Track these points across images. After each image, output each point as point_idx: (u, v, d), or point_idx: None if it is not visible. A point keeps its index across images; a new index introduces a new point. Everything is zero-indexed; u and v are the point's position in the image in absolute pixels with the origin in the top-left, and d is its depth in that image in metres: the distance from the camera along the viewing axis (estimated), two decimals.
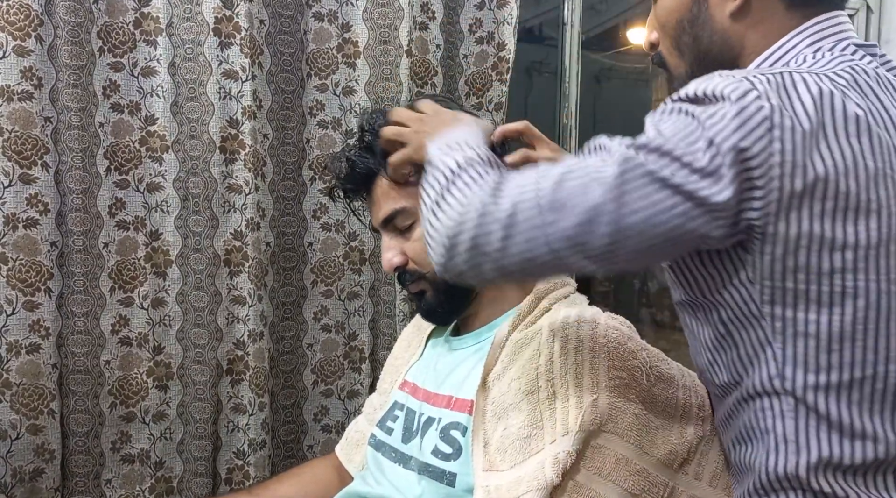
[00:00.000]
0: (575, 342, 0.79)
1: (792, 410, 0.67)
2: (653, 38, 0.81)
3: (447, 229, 0.66)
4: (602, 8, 2.36)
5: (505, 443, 0.78)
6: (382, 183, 0.92)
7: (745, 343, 0.69)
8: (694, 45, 0.77)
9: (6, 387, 1.24)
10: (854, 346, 0.65)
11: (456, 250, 0.65)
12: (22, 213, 1.23)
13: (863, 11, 1.89)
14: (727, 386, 0.73)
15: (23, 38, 1.21)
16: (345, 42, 1.44)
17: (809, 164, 0.61)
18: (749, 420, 0.71)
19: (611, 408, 0.75)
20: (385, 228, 0.93)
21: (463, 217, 0.65)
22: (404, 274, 0.93)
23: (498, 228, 0.63)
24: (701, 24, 0.75)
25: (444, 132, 0.78)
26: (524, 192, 0.64)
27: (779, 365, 0.67)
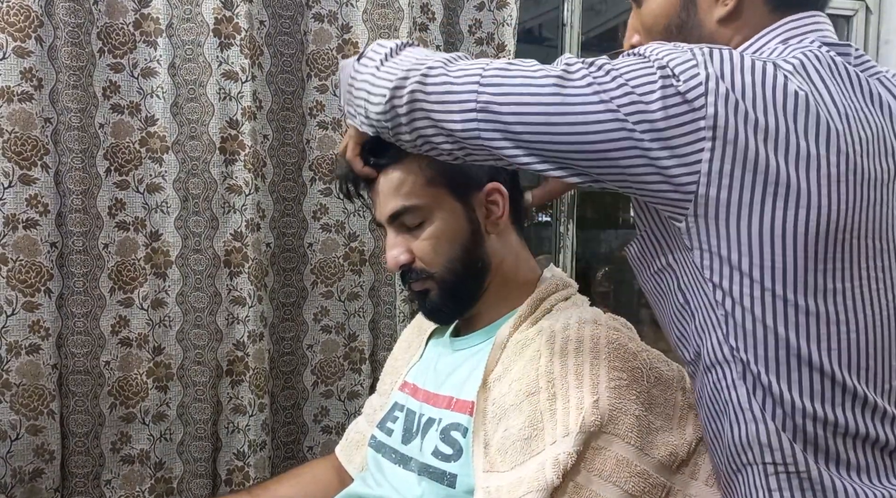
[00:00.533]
0: (576, 343, 0.79)
1: (741, 377, 0.67)
2: (634, 41, 0.81)
3: (392, 81, 0.69)
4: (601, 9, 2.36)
5: (505, 444, 0.78)
6: (391, 177, 0.88)
7: (699, 311, 0.69)
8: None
9: (6, 387, 1.24)
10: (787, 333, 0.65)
11: (399, 100, 0.69)
12: (22, 214, 1.24)
13: (862, 12, 1.90)
14: (692, 361, 0.73)
15: (23, 39, 1.21)
16: (345, 43, 1.44)
17: (742, 134, 0.61)
18: (711, 394, 0.70)
19: (612, 409, 0.75)
20: (390, 225, 0.90)
21: (407, 72, 0.68)
22: (409, 272, 0.91)
23: (438, 86, 0.67)
24: (689, 29, 0.76)
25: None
26: (481, 64, 0.68)
27: (723, 331, 0.67)
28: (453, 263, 0.88)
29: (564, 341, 0.79)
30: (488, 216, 0.90)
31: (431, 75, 0.68)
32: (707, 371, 0.70)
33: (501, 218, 0.90)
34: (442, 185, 0.88)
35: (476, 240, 0.90)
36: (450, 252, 0.88)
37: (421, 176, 0.88)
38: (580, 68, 0.65)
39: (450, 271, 0.89)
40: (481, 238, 0.90)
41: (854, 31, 1.90)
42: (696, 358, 0.73)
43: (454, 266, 0.89)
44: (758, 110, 0.61)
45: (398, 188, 0.88)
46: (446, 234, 0.88)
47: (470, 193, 0.89)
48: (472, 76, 0.67)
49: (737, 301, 0.65)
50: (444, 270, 0.89)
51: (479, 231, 0.90)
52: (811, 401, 0.65)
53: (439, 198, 0.88)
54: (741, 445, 0.68)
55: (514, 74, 0.66)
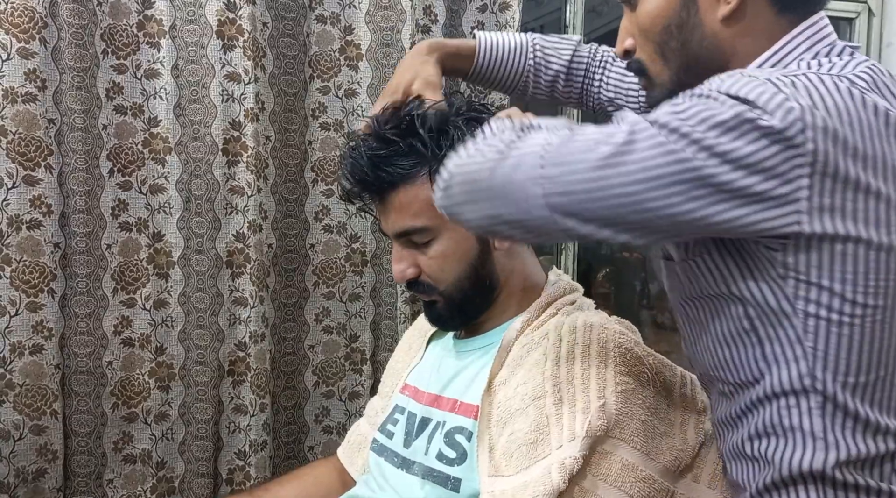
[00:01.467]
0: (582, 347, 0.79)
1: (819, 407, 0.67)
2: (627, 44, 0.79)
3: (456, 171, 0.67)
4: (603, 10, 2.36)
5: (511, 448, 0.78)
6: (400, 195, 0.86)
7: (773, 340, 0.68)
8: (682, 50, 0.74)
9: (9, 387, 1.25)
10: (882, 346, 0.66)
11: (451, 189, 0.67)
12: (25, 215, 1.24)
13: (864, 14, 1.90)
14: (742, 384, 0.71)
15: (27, 41, 1.22)
16: (347, 45, 1.45)
17: (841, 163, 0.60)
18: (770, 417, 0.69)
19: (618, 414, 0.75)
20: (398, 240, 0.90)
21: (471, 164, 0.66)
22: (416, 285, 0.90)
23: (500, 174, 0.63)
24: (690, 30, 0.73)
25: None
26: (536, 143, 0.64)
27: (809, 363, 0.66)
28: (461, 281, 0.88)
29: (571, 345, 0.80)
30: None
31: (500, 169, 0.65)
32: (771, 398, 0.69)
33: None
34: None
35: (484, 258, 0.89)
36: (458, 271, 0.88)
37: (430, 195, 0.85)
38: (645, 129, 0.62)
39: (458, 289, 0.88)
40: (489, 255, 0.89)
41: (856, 33, 1.90)
42: (748, 383, 0.71)
43: (462, 284, 0.88)
44: (855, 135, 0.61)
45: (408, 207, 0.86)
46: (456, 253, 0.87)
47: None
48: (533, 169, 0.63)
49: (837, 329, 0.65)
50: (452, 288, 0.88)
51: (488, 249, 0.89)
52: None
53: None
54: (800, 468, 0.68)
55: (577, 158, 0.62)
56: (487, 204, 0.65)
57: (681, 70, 0.75)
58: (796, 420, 0.68)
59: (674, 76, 0.75)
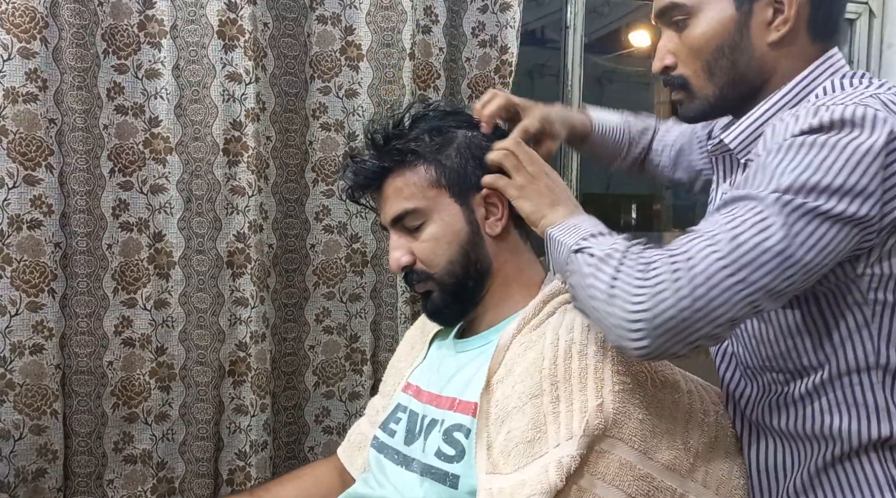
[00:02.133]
0: (579, 346, 0.79)
1: (880, 381, 0.77)
2: (668, 61, 0.86)
3: (641, 314, 0.67)
4: (604, 11, 2.36)
5: (508, 446, 0.78)
6: (394, 181, 0.91)
7: (840, 327, 0.77)
8: (731, 69, 0.82)
9: (10, 387, 1.25)
10: None
11: (660, 330, 0.67)
12: (26, 215, 1.24)
13: (865, 16, 1.90)
14: (804, 369, 0.80)
15: (28, 41, 1.22)
16: (348, 45, 1.45)
17: None
18: (836, 396, 0.78)
19: (616, 413, 0.75)
20: (394, 227, 0.92)
21: (654, 297, 0.67)
22: (411, 273, 0.92)
23: (700, 298, 0.66)
24: (741, 51, 0.82)
25: (551, 210, 0.85)
26: (704, 258, 0.67)
27: (874, 343, 0.76)
28: (452, 264, 0.90)
29: (568, 344, 0.80)
30: (487, 218, 0.91)
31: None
32: (835, 379, 0.78)
33: (500, 220, 0.91)
34: (441, 187, 0.90)
35: (475, 241, 0.91)
36: (449, 253, 0.90)
37: (422, 179, 0.90)
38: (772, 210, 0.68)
39: (449, 273, 0.90)
40: (481, 240, 0.91)
41: (857, 34, 1.90)
42: (811, 367, 0.79)
43: (453, 267, 0.90)
44: None
45: (401, 191, 0.90)
46: (446, 235, 0.90)
47: (469, 195, 0.91)
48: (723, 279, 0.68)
49: (888, 312, 0.76)
50: (444, 272, 0.90)
51: (479, 233, 0.91)
52: None
53: (439, 200, 0.90)
54: (868, 438, 0.77)
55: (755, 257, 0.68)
56: (695, 330, 0.67)
57: (725, 86, 0.83)
58: (859, 396, 0.77)
59: (717, 91, 0.84)
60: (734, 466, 0.84)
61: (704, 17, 0.82)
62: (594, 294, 0.72)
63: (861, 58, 1.91)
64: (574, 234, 0.79)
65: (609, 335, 0.72)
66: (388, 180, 0.92)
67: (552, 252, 0.82)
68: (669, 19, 0.86)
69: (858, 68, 1.91)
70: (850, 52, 1.92)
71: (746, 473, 0.85)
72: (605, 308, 0.71)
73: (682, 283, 0.67)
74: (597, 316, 0.73)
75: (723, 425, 0.85)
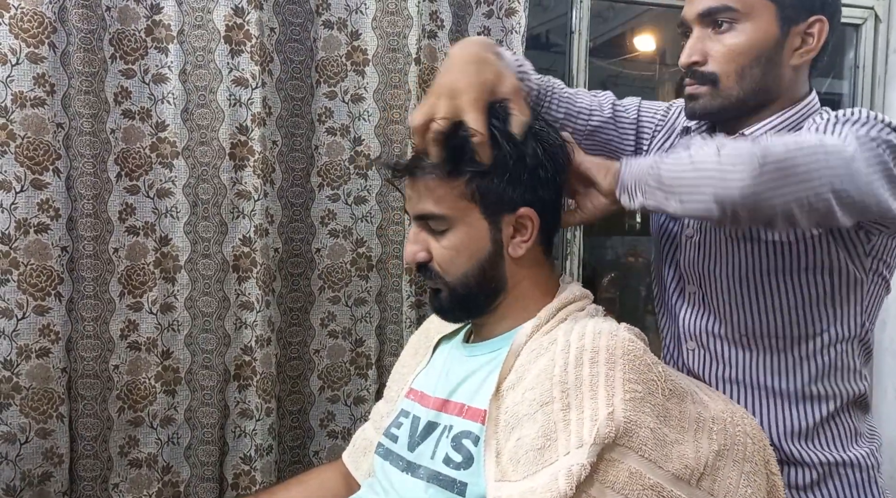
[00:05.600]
0: (591, 353, 0.79)
1: (859, 349, 0.94)
2: (698, 57, 0.92)
3: (753, 157, 0.73)
4: (609, 15, 2.36)
5: (518, 453, 0.77)
6: (429, 178, 0.87)
7: (843, 300, 0.90)
8: (760, 78, 0.91)
9: (16, 391, 1.25)
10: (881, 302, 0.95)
11: (768, 168, 0.72)
12: (33, 219, 1.25)
13: (871, 21, 1.89)
14: (804, 336, 0.92)
15: (36, 45, 1.22)
16: (354, 50, 1.45)
17: None
18: (826, 360, 0.92)
19: (626, 422, 0.74)
20: (416, 222, 0.91)
21: (763, 148, 0.73)
22: (425, 269, 0.91)
23: (799, 164, 0.73)
24: (773, 65, 0.91)
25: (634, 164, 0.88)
26: (804, 140, 0.76)
27: (863, 317, 0.92)
28: (468, 277, 0.89)
29: (579, 351, 0.79)
30: (514, 238, 0.89)
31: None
32: (829, 346, 0.92)
33: (527, 242, 0.89)
34: (474, 201, 0.87)
35: (495, 261, 0.89)
36: (466, 266, 0.88)
37: (457, 186, 0.86)
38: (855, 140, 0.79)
39: (462, 285, 0.89)
40: (501, 260, 0.89)
41: (863, 39, 1.90)
42: (811, 335, 0.92)
43: (468, 281, 0.89)
44: None
45: (432, 191, 0.87)
46: (468, 248, 0.88)
47: (500, 214, 0.88)
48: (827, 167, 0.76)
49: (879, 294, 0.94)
50: (457, 282, 0.89)
51: (501, 253, 0.89)
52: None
53: (468, 212, 0.87)
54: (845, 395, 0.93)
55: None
56: (792, 189, 0.74)
57: (750, 92, 0.92)
58: (844, 361, 0.93)
59: (741, 94, 0.92)
60: (742, 474, 0.84)
61: (752, 25, 0.90)
62: (699, 158, 0.76)
63: (867, 63, 1.91)
64: (651, 157, 0.85)
65: (714, 185, 0.75)
66: (419, 177, 0.88)
67: (628, 172, 0.86)
68: (713, 19, 0.91)
69: (864, 73, 1.91)
70: (856, 56, 1.92)
71: (754, 482, 0.85)
72: (711, 164, 0.75)
73: (788, 144, 0.74)
74: (697, 178, 0.77)
75: (730, 434, 0.84)
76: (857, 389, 0.94)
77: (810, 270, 0.90)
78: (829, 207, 0.75)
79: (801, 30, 0.91)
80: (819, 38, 0.91)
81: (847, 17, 1.87)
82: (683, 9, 0.95)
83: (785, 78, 0.92)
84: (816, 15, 0.91)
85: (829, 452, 0.93)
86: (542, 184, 0.89)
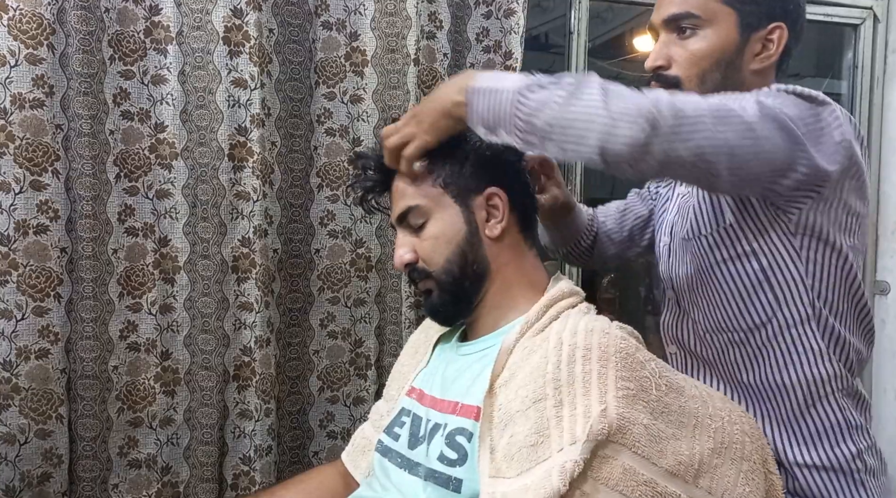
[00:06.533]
0: (583, 351, 0.79)
1: (819, 331, 0.91)
2: (663, 62, 0.96)
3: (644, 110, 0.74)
4: (608, 16, 2.37)
5: (511, 450, 0.78)
6: (400, 180, 0.95)
7: (781, 284, 0.91)
8: (721, 82, 0.94)
9: (15, 391, 1.25)
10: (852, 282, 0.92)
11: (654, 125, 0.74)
12: (32, 220, 1.25)
13: (869, 21, 1.90)
14: (755, 326, 0.93)
15: (35, 47, 1.23)
16: (353, 51, 1.45)
17: (856, 154, 0.86)
18: (785, 347, 0.92)
19: (619, 418, 0.75)
20: (400, 226, 0.96)
21: (654, 101, 0.75)
22: (413, 271, 0.95)
23: (687, 117, 0.76)
24: (733, 69, 0.95)
25: (453, 86, 0.86)
26: (696, 99, 0.78)
27: (810, 298, 0.91)
28: (450, 263, 0.92)
29: (572, 348, 0.80)
30: (488, 220, 0.93)
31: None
32: (782, 332, 0.92)
33: (500, 222, 0.93)
34: (443, 187, 0.93)
35: (473, 242, 0.93)
36: (447, 252, 0.92)
37: (426, 178, 0.93)
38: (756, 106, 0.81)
39: (447, 272, 0.92)
40: (479, 241, 0.93)
41: (861, 40, 1.90)
42: (760, 325, 0.92)
43: (451, 266, 0.92)
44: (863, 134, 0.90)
45: (405, 190, 0.94)
46: (445, 234, 0.93)
47: (469, 197, 0.93)
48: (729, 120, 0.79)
49: (826, 274, 0.91)
50: (441, 270, 0.93)
51: (477, 234, 0.93)
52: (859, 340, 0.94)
53: (440, 199, 0.93)
54: (816, 382, 0.92)
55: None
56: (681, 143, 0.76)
57: (711, 94, 0.90)
58: (804, 345, 0.91)
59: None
60: (740, 472, 0.84)
61: (713, 31, 0.94)
62: (582, 103, 0.76)
63: (865, 63, 1.91)
64: (504, 83, 0.80)
65: (602, 135, 0.75)
66: (395, 181, 0.96)
67: (482, 103, 0.81)
68: (677, 25, 0.95)
69: (863, 73, 1.91)
70: (855, 57, 1.92)
71: (752, 481, 0.85)
72: (598, 112, 0.75)
73: (678, 102, 0.76)
74: (582, 126, 0.76)
75: (728, 432, 0.84)
76: (825, 372, 0.92)
77: (737, 259, 0.92)
78: (712, 169, 0.77)
79: (762, 36, 0.94)
80: (779, 44, 0.94)
81: (846, 17, 1.87)
82: (652, 15, 0.99)
83: (745, 81, 0.95)
84: (776, 22, 0.94)
85: (813, 452, 0.92)
86: (501, 164, 0.94)
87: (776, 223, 0.89)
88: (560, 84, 0.78)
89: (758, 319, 0.93)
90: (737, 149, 0.77)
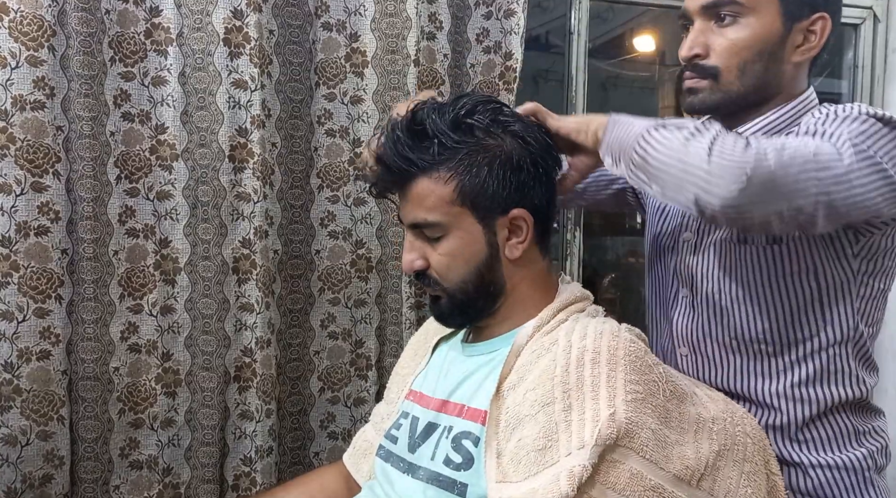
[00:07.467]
0: (592, 354, 0.79)
1: (855, 353, 0.91)
2: (699, 50, 0.92)
3: (744, 166, 0.72)
4: (608, 17, 2.37)
5: (519, 454, 0.77)
6: (420, 184, 0.86)
7: (832, 303, 0.89)
8: (762, 74, 0.91)
9: (17, 393, 1.26)
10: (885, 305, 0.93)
11: (756, 181, 0.72)
12: (33, 221, 1.25)
13: (870, 20, 1.90)
14: (796, 340, 0.91)
15: (36, 49, 1.23)
16: (353, 52, 1.45)
17: None
18: (821, 364, 0.91)
19: (628, 423, 0.75)
20: (411, 231, 0.90)
21: (757, 157, 0.73)
22: (423, 277, 0.91)
23: (789, 175, 0.73)
24: (775, 60, 0.91)
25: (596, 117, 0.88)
26: (797, 148, 0.75)
27: (854, 319, 0.90)
28: (466, 283, 0.88)
29: (581, 352, 0.79)
30: (509, 239, 0.89)
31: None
32: (822, 349, 0.91)
33: (523, 244, 0.89)
34: (466, 206, 0.86)
35: (492, 264, 0.89)
36: (464, 272, 0.88)
37: (447, 192, 0.86)
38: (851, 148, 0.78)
39: (461, 290, 0.89)
40: (498, 263, 0.89)
41: (861, 39, 1.90)
42: (803, 339, 0.91)
43: (466, 286, 0.89)
44: None
45: (423, 200, 0.87)
46: (463, 254, 0.88)
47: (493, 217, 0.87)
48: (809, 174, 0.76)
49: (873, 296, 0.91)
50: (456, 288, 0.89)
51: (497, 256, 0.89)
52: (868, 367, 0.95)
53: (461, 217, 0.87)
54: (842, 400, 0.91)
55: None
56: (777, 203, 0.74)
57: (750, 87, 0.91)
58: (838, 365, 0.91)
59: (742, 89, 0.92)
60: (742, 474, 0.84)
61: (756, 20, 0.90)
62: (689, 152, 0.75)
63: (865, 63, 1.91)
64: (642, 121, 0.81)
65: (698, 188, 0.74)
66: (411, 182, 0.87)
67: (614, 134, 0.83)
68: (716, 12, 0.91)
69: (863, 73, 1.91)
70: (855, 56, 1.92)
71: (754, 482, 0.85)
72: (700, 164, 0.74)
73: (782, 156, 0.73)
74: (683, 175, 0.75)
75: (730, 434, 0.84)
76: (850, 393, 0.92)
77: (796, 275, 0.89)
78: (810, 220, 0.75)
79: (804, 26, 0.90)
80: (822, 35, 0.91)
81: (846, 16, 1.87)
82: (685, 1, 0.94)
83: (786, 74, 0.92)
84: (819, 12, 0.90)
85: (819, 454, 0.92)
86: (531, 183, 0.88)
87: (843, 244, 0.88)
88: (685, 128, 0.77)
89: (800, 335, 0.91)
90: (836, 201, 0.75)
